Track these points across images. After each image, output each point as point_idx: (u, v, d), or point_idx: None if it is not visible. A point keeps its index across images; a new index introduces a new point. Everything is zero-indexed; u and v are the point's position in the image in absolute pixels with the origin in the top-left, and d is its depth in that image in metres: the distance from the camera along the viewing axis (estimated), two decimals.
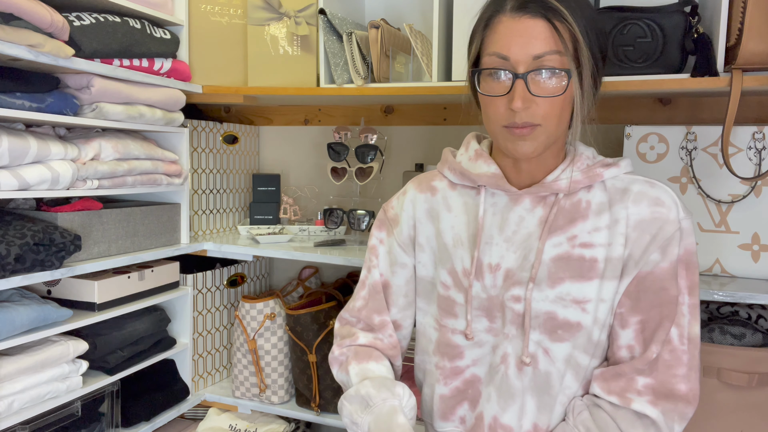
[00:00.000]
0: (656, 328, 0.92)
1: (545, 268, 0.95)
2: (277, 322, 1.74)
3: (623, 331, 0.94)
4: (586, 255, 0.93)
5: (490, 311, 0.99)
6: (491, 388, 0.99)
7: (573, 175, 0.95)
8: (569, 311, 0.93)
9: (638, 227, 0.93)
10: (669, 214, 0.92)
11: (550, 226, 0.95)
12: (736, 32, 1.21)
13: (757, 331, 1.28)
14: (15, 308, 1.24)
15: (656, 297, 0.92)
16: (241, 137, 1.98)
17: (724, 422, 1.26)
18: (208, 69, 1.72)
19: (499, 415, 0.98)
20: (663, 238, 0.91)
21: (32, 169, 1.25)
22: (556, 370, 0.95)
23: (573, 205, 0.96)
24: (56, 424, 1.40)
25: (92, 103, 1.38)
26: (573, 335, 0.94)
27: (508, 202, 1.00)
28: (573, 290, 0.93)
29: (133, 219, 1.56)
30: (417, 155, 1.88)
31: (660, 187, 0.95)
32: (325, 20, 1.61)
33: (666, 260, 0.92)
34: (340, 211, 1.77)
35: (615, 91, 1.39)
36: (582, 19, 0.89)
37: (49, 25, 1.21)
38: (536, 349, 0.95)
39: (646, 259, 0.92)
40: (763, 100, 1.51)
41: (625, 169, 0.97)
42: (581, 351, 0.95)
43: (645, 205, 0.93)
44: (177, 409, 1.72)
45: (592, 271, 0.93)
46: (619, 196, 0.95)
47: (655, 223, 0.92)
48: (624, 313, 0.94)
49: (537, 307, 0.94)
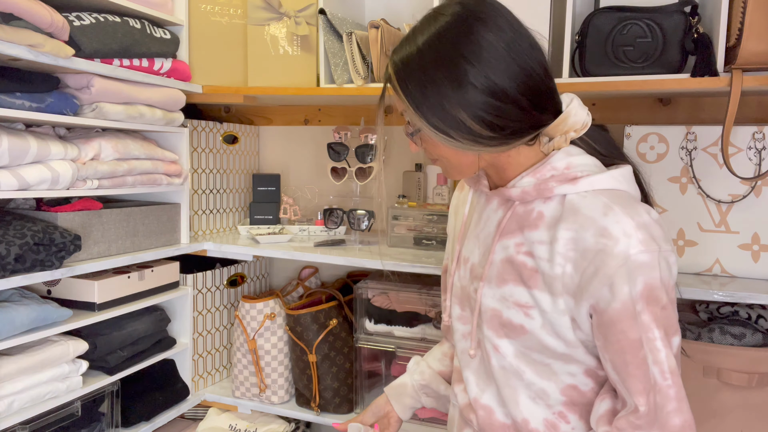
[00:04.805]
0: (625, 376, 0.86)
1: (495, 267, 0.97)
2: (277, 322, 1.74)
3: (606, 365, 0.91)
4: (528, 263, 0.93)
5: (462, 300, 1.05)
6: (468, 373, 1.05)
7: (525, 185, 0.94)
8: (512, 312, 0.94)
9: (584, 255, 0.86)
10: (614, 247, 0.83)
11: (503, 230, 0.98)
12: (736, 32, 1.21)
13: (757, 331, 1.28)
14: (15, 308, 1.24)
15: (617, 341, 0.86)
16: (241, 137, 1.98)
17: (724, 422, 1.26)
18: (208, 69, 1.72)
19: (478, 396, 1.03)
20: (606, 275, 0.84)
21: (32, 169, 1.25)
22: (509, 364, 0.97)
23: (526, 212, 0.95)
24: (56, 424, 1.40)
25: (92, 103, 1.38)
26: (518, 336, 0.94)
27: (484, 202, 1.05)
28: (515, 293, 0.94)
29: (133, 219, 1.55)
30: (417, 155, 1.88)
31: (614, 215, 0.84)
32: (325, 20, 1.61)
33: (617, 300, 0.84)
34: (340, 211, 1.77)
35: (615, 91, 1.39)
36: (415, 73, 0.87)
37: (49, 25, 1.21)
38: (486, 343, 0.99)
39: (597, 293, 0.85)
40: (763, 100, 1.51)
41: (585, 188, 0.89)
42: (535, 351, 0.94)
43: (590, 234, 0.85)
44: (177, 409, 1.71)
45: (531, 280, 0.92)
46: (569, 215, 0.89)
47: (598, 255, 0.84)
48: (600, 347, 0.90)
49: (485, 303, 0.98)
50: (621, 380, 0.87)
